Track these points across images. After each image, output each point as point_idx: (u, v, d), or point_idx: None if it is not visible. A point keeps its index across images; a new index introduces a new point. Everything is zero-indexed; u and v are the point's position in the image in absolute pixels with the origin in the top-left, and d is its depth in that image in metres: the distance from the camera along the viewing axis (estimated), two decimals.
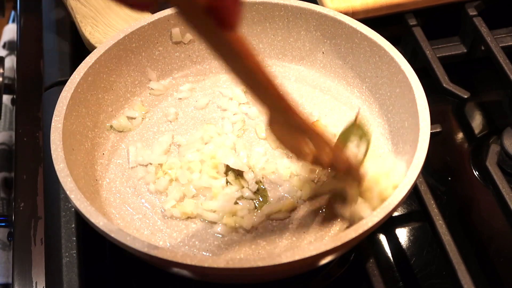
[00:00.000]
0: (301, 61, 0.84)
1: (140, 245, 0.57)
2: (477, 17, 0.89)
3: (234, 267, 0.55)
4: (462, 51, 0.92)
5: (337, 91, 0.81)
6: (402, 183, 0.61)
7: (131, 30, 0.78)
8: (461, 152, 0.84)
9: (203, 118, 0.80)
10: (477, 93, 0.89)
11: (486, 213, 0.78)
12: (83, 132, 0.73)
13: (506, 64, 0.83)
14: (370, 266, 0.69)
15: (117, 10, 0.89)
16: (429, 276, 0.71)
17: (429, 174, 0.78)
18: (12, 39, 1.18)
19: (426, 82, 0.71)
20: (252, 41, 0.84)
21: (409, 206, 0.77)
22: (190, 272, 0.59)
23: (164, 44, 0.82)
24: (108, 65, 0.77)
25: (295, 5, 0.80)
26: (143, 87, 0.82)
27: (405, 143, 0.70)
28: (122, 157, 0.76)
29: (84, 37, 0.86)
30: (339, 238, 0.57)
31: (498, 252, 0.73)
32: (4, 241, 0.88)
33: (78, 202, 0.61)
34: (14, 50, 1.11)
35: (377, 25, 0.78)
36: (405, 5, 0.89)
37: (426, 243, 0.73)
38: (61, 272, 0.68)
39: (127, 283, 0.71)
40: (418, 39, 0.88)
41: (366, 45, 0.77)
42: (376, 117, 0.78)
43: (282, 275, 0.64)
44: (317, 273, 0.70)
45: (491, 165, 0.75)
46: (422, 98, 0.68)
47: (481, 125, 0.87)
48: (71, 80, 0.72)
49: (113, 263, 0.73)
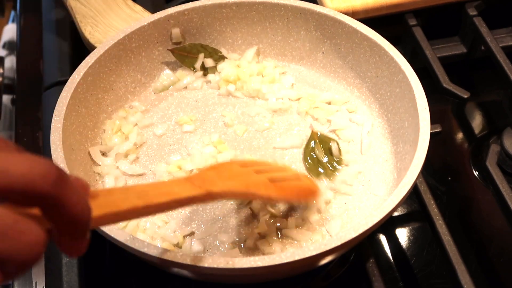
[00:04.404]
0: (301, 61, 0.84)
1: (140, 245, 0.57)
2: (477, 17, 0.89)
3: (234, 267, 0.55)
4: (462, 51, 0.92)
5: (337, 91, 0.81)
6: (402, 183, 0.61)
7: (131, 30, 0.78)
8: (461, 152, 0.84)
9: (203, 118, 0.80)
10: (477, 93, 0.89)
11: (486, 213, 0.77)
12: (83, 132, 0.73)
13: (506, 64, 0.83)
14: (370, 266, 0.69)
15: (117, 10, 0.89)
16: (429, 276, 0.71)
17: (429, 174, 0.78)
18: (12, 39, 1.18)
19: (426, 82, 0.71)
20: (252, 41, 0.84)
21: (409, 206, 0.77)
22: (190, 272, 0.59)
23: (164, 44, 0.82)
24: (108, 65, 0.77)
25: (295, 5, 0.80)
26: (143, 87, 0.82)
27: (405, 143, 0.70)
28: None
29: (84, 37, 0.86)
30: (339, 238, 0.56)
31: (498, 252, 0.73)
32: None
33: None
34: (14, 50, 1.11)
35: (377, 25, 0.78)
36: (405, 5, 0.89)
37: (426, 243, 0.73)
38: (61, 272, 0.68)
39: (127, 283, 0.71)
40: (418, 39, 0.88)
41: (366, 45, 0.77)
42: (376, 117, 0.78)
43: (282, 275, 0.64)
44: (317, 273, 0.70)
45: (491, 165, 0.75)
46: (422, 98, 0.68)
47: (481, 125, 0.87)
48: (71, 80, 0.72)
49: (113, 263, 0.73)
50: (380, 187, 0.71)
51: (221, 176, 0.58)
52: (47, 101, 0.86)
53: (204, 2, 0.81)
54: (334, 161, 0.73)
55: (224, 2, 0.81)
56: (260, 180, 0.61)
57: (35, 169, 0.35)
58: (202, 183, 0.54)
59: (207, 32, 0.84)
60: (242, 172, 0.61)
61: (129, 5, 0.90)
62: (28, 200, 0.36)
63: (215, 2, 0.81)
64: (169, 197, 0.50)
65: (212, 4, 0.81)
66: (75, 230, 0.38)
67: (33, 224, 0.35)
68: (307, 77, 0.83)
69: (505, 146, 0.76)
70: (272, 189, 0.61)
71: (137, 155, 0.75)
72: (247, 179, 0.60)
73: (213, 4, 0.81)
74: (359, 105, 0.80)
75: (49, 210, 0.37)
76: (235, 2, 0.81)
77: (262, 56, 0.85)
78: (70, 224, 0.38)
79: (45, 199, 0.36)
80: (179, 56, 0.83)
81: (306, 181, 0.67)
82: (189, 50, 0.83)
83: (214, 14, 0.82)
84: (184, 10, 0.81)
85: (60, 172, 0.37)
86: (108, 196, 0.45)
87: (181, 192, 0.52)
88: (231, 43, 0.85)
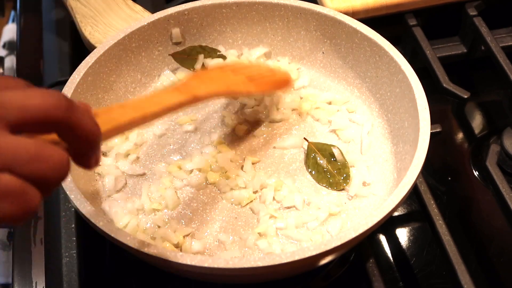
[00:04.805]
0: (301, 61, 0.84)
1: (140, 245, 0.57)
2: (477, 17, 0.89)
3: (234, 267, 0.55)
4: (462, 51, 0.92)
5: (337, 91, 0.81)
6: (402, 183, 0.61)
7: (131, 30, 0.78)
8: (461, 152, 0.84)
9: (203, 118, 0.80)
10: (477, 93, 0.89)
11: (486, 213, 0.78)
12: None
13: (506, 64, 0.83)
14: (370, 266, 0.69)
15: (117, 10, 0.89)
16: (429, 276, 0.71)
17: (429, 174, 0.78)
18: (12, 39, 1.18)
19: (426, 82, 0.71)
20: (252, 41, 0.84)
21: (409, 206, 0.77)
22: (190, 272, 0.59)
23: (164, 44, 0.82)
24: (108, 65, 0.77)
25: (295, 5, 0.80)
26: (143, 87, 0.82)
27: (405, 143, 0.70)
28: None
29: (84, 37, 0.86)
30: (339, 238, 0.56)
31: (498, 252, 0.73)
32: (4, 241, 0.88)
33: (78, 202, 0.61)
34: (14, 50, 1.11)
35: (377, 25, 0.78)
36: (405, 5, 0.89)
37: (426, 243, 0.73)
38: (61, 272, 0.68)
39: (127, 283, 0.71)
40: (418, 39, 0.88)
41: (366, 45, 0.77)
42: (376, 117, 0.78)
43: (282, 275, 0.64)
44: (317, 273, 0.70)
45: (491, 165, 0.75)
46: (422, 98, 0.68)
47: (481, 125, 0.87)
48: (71, 80, 0.72)
49: (113, 263, 0.73)
50: (380, 187, 0.71)
51: (203, 81, 0.66)
52: None
53: (204, 2, 0.81)
54: (339, 167, 0.72)
55: (224, 2, 0.81)
56: (239, 79, 0.70)
57: (48, 101, 0.40)
58: (187, 89, 0.62)
59: (207, 32, 0.84)
60: (222, 76, 0.70)
61: (129, 5, 0.90)
62: (46, 128, 0.41)
63: (215, 2, 0.81)
64: (161, 106, 0.57)
65: (212, 4, 0.81)
66: (89, 146, 0.44)
67: (55, 147, 0.41)
68: (307, 77, 0.83)
69: (505, 146, 0.76)
70: (250, 85, 0.70)
71: (137, 155, 0.75)
72: (227, 80, 0.69)
73: (213, 4, 0.81)
74: (359, 105, 0.80)
75: (65, 134, 0.42)
76: (235, 2, 0.81)
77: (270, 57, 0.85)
78: (84, 142, 0.44)
79: (60, 125, 0.41)
80: (179, 59, 0.83)
81: (280, 74, 0.78)
82: (188, 52, 0.83)
83: (214, 14, 0.82)
84: (184, 10, 0.81)
85: (69, 100, 0.42)
86: (109, 113, 0.51)
87: (171, 99, 0.59)
88: (231, 43, 0.85)
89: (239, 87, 0.70)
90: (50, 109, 0.40)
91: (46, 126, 0.41)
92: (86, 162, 0.45)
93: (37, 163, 0.39)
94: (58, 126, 0.41)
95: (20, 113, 0.40)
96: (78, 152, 0.44)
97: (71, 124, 0.42)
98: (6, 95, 0.40)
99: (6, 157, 0.39)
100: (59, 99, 0.41)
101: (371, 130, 0.76)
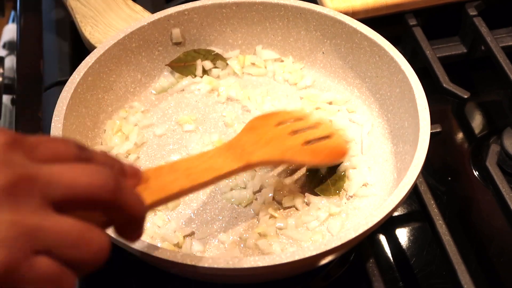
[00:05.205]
0: (301, 61, 0.84)
1: (140, 245, 0.57)
2: (477, 17, 0.89)
3: (234, 267, 0.55)
4: (462, 51, 0.92)
5: (337, 91, 0.81)
6: (402, 182, 0.61)
7: (131, 30, 0.78)
8: (461, 152, 0.84)
9: (203, 118, 0.80)
10: (477, 93, 0.89)
11: (486, 213, 0.77)
12: (83, 132, 0.73)
13: (506, 64, 0.83)
14: (370, 266, 0.69)
15: (117, 10, 0.89)
16: (429, 276, 0.71)
17: (429, 174, 0.78)
18: (12, 39, 1.18)
19: (426, 82, 0.71)
20: (252, 41, 0.84)
21: (409, 206, 0.77)
22: (190, 272, 0.59)
23: (164, 44, 0.82)
24: (108, 65, 0.77)
25: (295, 5, 0.80)
26: (143, 87, 0.82)
27: (405, 143, 0.70)
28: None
29: (84, 37, 0.86)
30: (339, 238, 0.56)
31: (498, 252, 0.73)
32: None
33: None
34: (14, 50, 1.11)
35: (377, 25, 0.78)
36: (405, 5, 0.89)
37: (426, 243, 0.73)
38: None
39: (127, 283, 0.71)
40: (418, 39, 0.88)
41: (366, 45, 0.77)
42: (376, 117, 0.78)
43: (282, 275, 0.64)
44: (317, 273, 0.70)
45: (491, 165, 0.75)
46: (422, 98, 0.68)
47: (481, 125, 0.87)
48: (71, 80, 0.72)
49: (113, 263, 0.72)
50: (380, 187, 0.71)
51: (258, 142, 0.63)
52: (47, 101, 0.86)
53: (204, 2, 0.81)
54: (336, 178, 0.72)
55: (224, 2, 0.81)
56: (295, 145, 0.65)
57: (96, 181, 0.39)
58: (242, 153, 0.60)
59: (207, 32, 0.84)
60: (277, 135, 0.65)
61: (129, 5, 0.90)
62: (90, 208, 0.40)
63: (215, 2, 0.81)
64: (213, 174, 0.55)
65: (212, 4, 0.81)
66: (133, 224, 0.44)
67: (98, 231, 0.39)
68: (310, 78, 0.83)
69: (505, 146, 0.76)
70: (305, 154, 0.65)
71: (137, 155, 0.75)
72: (282, 145, 0.64)
73: (213, 4, 0.81)
74: (359, 105, 0.80)
75: (110, 213, 0.42)
76: (235, 2, 0.81)
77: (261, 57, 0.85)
78: (129, 221, 0.43)
79: (106, 205, 0.40)
80: (177, 68, 0.83)
81: (337, 139, 0.70)
82: (184, 59, 0.83)
83: (214, 14, 0.82)
84: (184, 10, 0.81)
85: (117, 179, 0.41)
86: (160, 178, 0.50)
87: (223, 167, 0.57)
88: (231, 43, 0.85)
89: (294, 156, 0.64)
90: (97, 190, 0.39)
91: (91, 206, 0.40)
92: (128, 236, 0.45)
93: (78, 248, 0.38)
94: (104, 207, 0.40)
95: (67, 191, 0.38)
96: (120, 227, 0.44)
97: (117, 206, 0.41)
98: (54, 170, 0.38)
99: (48, 239, 0.37)
100: (107, 179, 0.40)
101: (371, 130, 0.76)
